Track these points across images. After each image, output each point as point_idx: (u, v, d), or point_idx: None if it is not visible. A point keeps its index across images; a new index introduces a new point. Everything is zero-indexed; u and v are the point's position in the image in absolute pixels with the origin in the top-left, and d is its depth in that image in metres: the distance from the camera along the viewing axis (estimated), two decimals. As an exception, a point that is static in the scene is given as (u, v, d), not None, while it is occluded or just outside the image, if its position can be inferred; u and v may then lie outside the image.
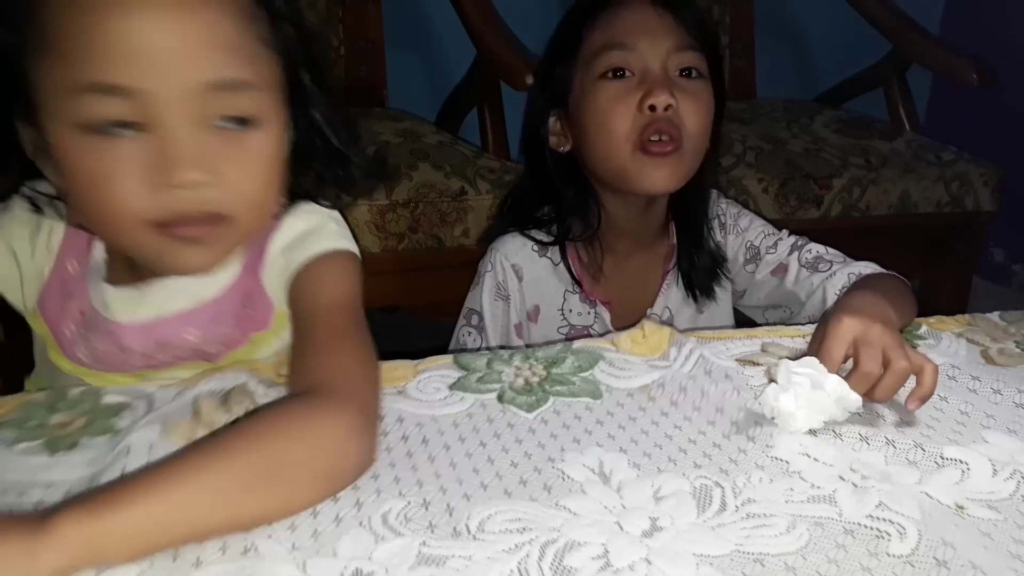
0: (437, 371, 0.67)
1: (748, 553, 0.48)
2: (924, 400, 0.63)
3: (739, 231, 1.00)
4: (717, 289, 1.00)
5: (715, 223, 1.00)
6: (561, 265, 0.97)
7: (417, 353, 0.70)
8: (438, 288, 1.30)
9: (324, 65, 0.68)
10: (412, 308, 1.40)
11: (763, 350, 0.73)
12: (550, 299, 0.98)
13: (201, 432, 0.56)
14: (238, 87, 0.57)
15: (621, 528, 0.50)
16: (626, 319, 0.96)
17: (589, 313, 0.98)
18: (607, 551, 0.48)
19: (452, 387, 0.65)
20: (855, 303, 0.71)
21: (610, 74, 0.88)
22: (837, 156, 1.52)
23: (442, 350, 0.90)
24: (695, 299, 0.99)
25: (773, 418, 0.61)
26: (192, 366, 0.69)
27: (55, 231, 0.70)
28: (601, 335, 0.74)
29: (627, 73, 0.88)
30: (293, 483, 0.50)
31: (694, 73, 0.89)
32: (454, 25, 1.56)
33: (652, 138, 0.86)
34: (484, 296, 0.96)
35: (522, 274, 0.97)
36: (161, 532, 0.46)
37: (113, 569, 0.45)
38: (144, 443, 0.55)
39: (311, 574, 0.46)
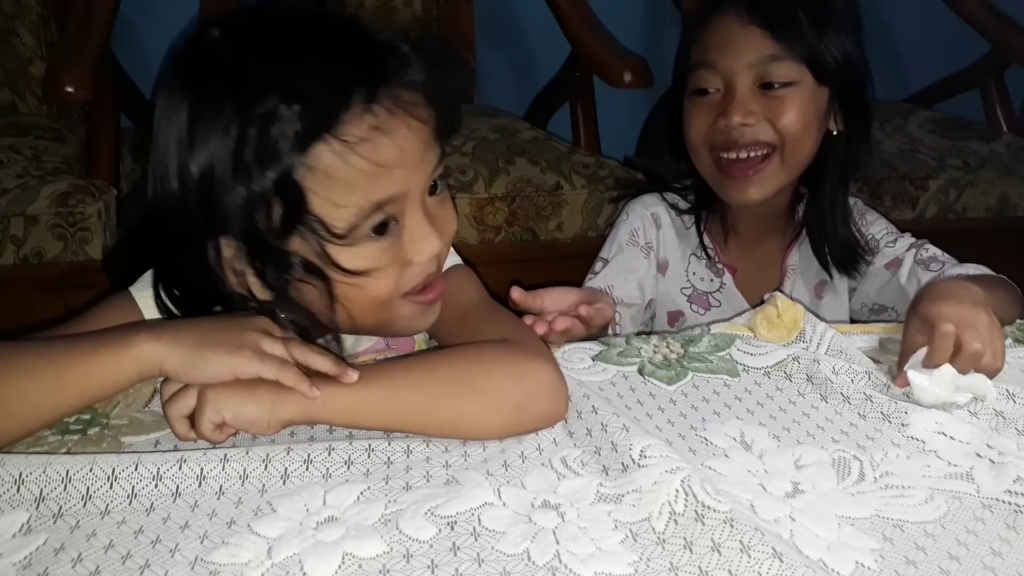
0: (579, 344, 0.71)
1: (888, 519, 0.51)
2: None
3: (864, 224, 1.02)
4: (840, 277, 1.01)
5: None
6: (691, 230, 1.01)
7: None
8: (532, 281, 1.33)
9: None
10: (504, 300, 1.43)
11: (881, 346, 0.75)
12: (677, 258, 1.02)
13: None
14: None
15: (765, 489, 0.53)
16: (750, 288, 1.00)
17: (713, 280, 1.02)
18: (753, 505, 0.51)
19: (595, 359, 0.69)
20: (942, 288, 0.73)
21: (698, 92, 0.93)
22: (933, 157, 1.51)
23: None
24: (829, 275, 1.01)
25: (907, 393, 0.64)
26: None
27: None
28: (732, 316, 0.76)
29: (710, 90, 0.92)
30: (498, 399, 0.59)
31: (776, 85, 0.90)
32: (542, 23, 1.59)
33: (726, 155, 0.91)
34: (618, 241, 1.00)
35: (660, 223, 1.01)
36: (385, 409, 0.58)
37: (340, 487, 0.53)
38: None
39: (506, 500, 0.51)
